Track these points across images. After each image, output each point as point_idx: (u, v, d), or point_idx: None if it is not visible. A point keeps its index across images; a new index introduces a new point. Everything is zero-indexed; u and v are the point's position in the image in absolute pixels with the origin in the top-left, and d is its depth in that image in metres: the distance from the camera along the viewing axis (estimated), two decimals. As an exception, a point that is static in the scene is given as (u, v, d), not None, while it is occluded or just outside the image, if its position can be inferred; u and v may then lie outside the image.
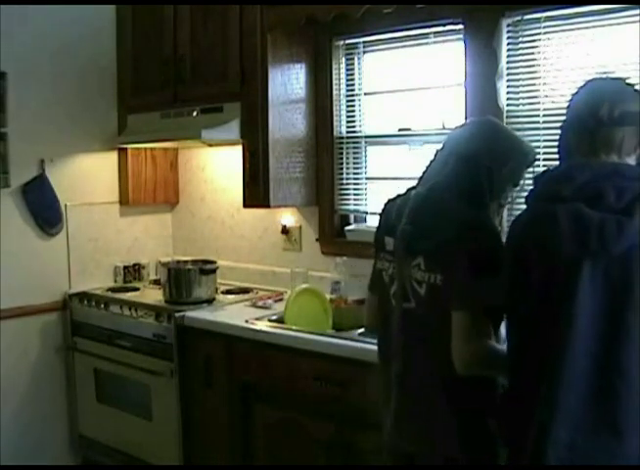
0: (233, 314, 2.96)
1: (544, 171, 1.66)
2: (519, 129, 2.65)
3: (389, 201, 1.93)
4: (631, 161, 1.56)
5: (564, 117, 1.64)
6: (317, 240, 3.29)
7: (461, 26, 2.77)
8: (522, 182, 1.87)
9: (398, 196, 1.90)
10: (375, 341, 2.37)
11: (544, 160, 2.59)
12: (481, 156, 1.78)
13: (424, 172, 1.86)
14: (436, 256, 1.69)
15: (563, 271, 1.44)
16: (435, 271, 1.69)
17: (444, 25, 2.83)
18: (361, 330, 2.55)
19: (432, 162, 1.87)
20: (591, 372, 1.41)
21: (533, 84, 2.61)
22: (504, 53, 2.65)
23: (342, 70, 3.20)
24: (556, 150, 1.65)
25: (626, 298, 1.40)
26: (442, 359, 1.69)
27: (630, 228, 1.39)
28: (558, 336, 1.44)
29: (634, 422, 1.39)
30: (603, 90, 1.61)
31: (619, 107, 1.53)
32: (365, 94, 3.17)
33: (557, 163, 1.66)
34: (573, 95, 1.65)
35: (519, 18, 2.61)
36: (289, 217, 3.38)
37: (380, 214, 1.96)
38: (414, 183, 1.89)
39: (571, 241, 1.43)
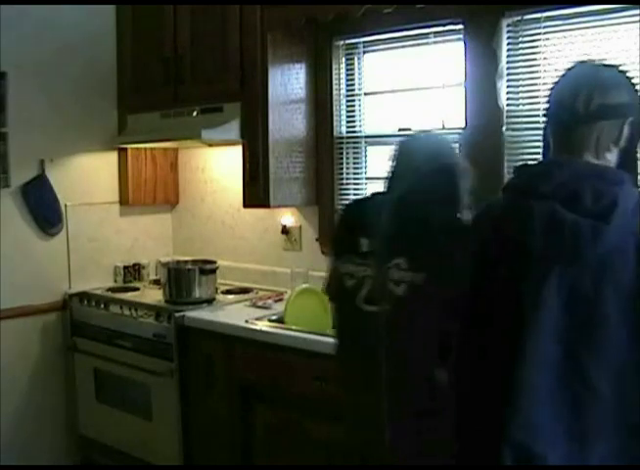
0: (233, 314, 2.96)
1: (524, 165, 1.59)
2: (519, 129, 2.66)
3: (353, 204, 1.99)
4: (611, 156, 1.46)
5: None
6: (317, 240, 3.28)
7: (461, 26, 2.77)
8: None
9: (363, 200, 1.96)
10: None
11: (544, 160, 2.60)
12: (456, 166, 1.89)
13: (390, 179, 1.90)
14: (422, 255, 1.72)
15: (531, 271, 1.38)
16: (419, 270, 1.71)
17: (444, 25, 2.83)
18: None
19: (395, 168, 1.91)
20: (555, 379, 1.35)
21: (533, 84, 2.61)
22: (504, 53, 2.65)
23: (342, 70, 3.20)
24: (542, 142, 1.58)
25: (595, 305, 1.34)
26: (421, 357, 1.73)
27: (605, 235, 1.32)
28: (522, 339, 1.37)
29: (598, 432, 1.34)
30: (581, 80, 1.48)
31: (597, 98, 1.42)
32: (365, 94, 3.17)
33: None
34: (554, 84, 1.55)
35: (519, 18, 2.61)
36: (289, 217, 3.38)
37: (342, 218, 2.00)
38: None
39: (543, 241, 1.37)
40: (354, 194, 3.20)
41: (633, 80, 1.50)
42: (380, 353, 1.76)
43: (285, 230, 3.39)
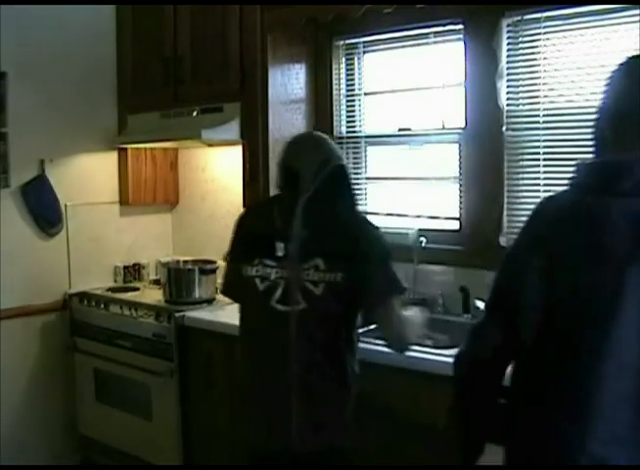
0: (233, 314, 2.93)
1: (594, 162, 1.48)
2: (519, 129, 2.66)
3: (253, 209, 2.15)
4: None
5: (563, 116, 1.51)
6: (317, 240, 3.28)
7: (461, 26, 2.78)
8: None
9: (261, 205, 2.13)
10: (377, 341, 2.39)
11: (544, 160, 2.60)
12: (346, 166, 2.06)
13: (287, 181, 2.00)
14: (338, 255, 1.88)
15: (612, 272, 1.31)
16: (335, 270, 1.87)
17: (444, 25, 2.83)
18: (361, 330, 2.54)
19: (291, 170, 2.00)
20: (636, 384, 1.29)
21: (533, 84, 2.61)
22: (504, 53, 2.65)
23: (342, 70, 3.20)
24: (591, 139, 1.48)
25: None
26: (338, 350, 1.94)
27: None
28: (599, 343, 1.30)
29: None
30: None
31: None
32: (365, 94, 3.17)
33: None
34: (611, 75, 1.47)
35: (519, 18, 2.61)
36: (289, 217, 3.37)
37: (243, 223, 2.11)
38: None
39: (626, 240, 1.30)
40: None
41: None
42: (292, 350, 1.89)
43: (285, 230, 3.38)
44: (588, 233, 1.36)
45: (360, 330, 2.51)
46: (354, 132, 3.20)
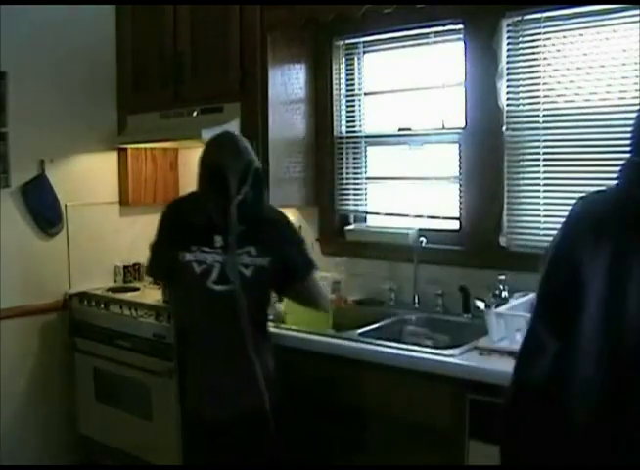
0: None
1: (636, 160, 1.44)
2: (519, 129, 2.66)
3: (178, 204, 2.47)
4: None
5: (563, 116, 1.50)
6: (317, 240, 3.28)
7: (461, 26, 2.78)
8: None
9: (190, 200, 2.42)
10: (371, 340, 2.40)
11: (544, 160, 2.60)
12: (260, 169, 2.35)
13: (221, 182, 2.23)
14: (268, 243, 2.25)
15: None
16: (265, 255, 2.23)
17: (444, 25, 2.83)
18: (361, 330, 2.55)
19: (221, 173, 2.25)
20: None
21: (533, 84, 2.61)
22: (504, 53, 2.66)
23: (342, 70, 3.20)
24: (630, 138, 1.45)
25: None
26: (262, 323, 2.34)
27: None
28: None
29: None
30: None
31: None
32: (365, 94, 3.17)
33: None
34: None
35: (519, 18, 2.61)
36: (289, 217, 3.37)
37: (176, 216, 2.37)
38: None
39: None
40: (354, 194, 3.20)
41: None
42: (226, 323, 2.21)
43: (285, 230, 3.39)
44: None
45: (359, 330, 2.55)
46: (354, 132, 3.20)
